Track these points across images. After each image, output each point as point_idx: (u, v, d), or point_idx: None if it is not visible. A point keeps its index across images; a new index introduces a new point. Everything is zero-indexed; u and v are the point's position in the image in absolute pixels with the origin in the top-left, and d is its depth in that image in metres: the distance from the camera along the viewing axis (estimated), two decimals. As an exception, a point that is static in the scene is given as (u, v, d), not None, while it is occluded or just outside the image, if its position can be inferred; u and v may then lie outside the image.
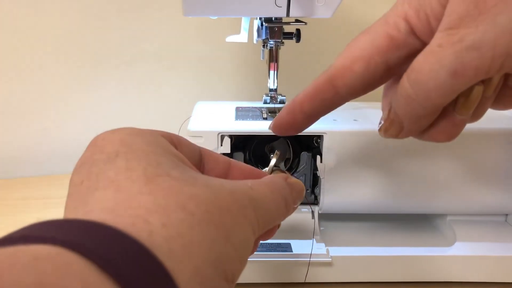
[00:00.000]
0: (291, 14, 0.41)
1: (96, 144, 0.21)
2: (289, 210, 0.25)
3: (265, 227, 0.21)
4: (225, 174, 0.27)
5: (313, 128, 0.42)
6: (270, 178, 0.25)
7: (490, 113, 0.49)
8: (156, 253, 0.15)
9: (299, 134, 0.42)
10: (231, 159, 0.28)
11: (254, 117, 0.44)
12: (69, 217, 0.18)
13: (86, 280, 0.13)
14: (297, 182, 0.26)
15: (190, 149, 0.25)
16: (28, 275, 0.12)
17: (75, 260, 0.14)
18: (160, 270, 0.15)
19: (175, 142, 0.23)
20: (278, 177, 0.25)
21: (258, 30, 0.46)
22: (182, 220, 0.17)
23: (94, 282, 0.13)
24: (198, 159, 0.26)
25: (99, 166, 0.19)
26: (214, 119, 0.44)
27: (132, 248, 0.15)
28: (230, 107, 0.48)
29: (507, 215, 0.46)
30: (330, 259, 0.40)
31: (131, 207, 0.17)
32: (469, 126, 0.42)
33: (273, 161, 0.32)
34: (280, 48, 0.45)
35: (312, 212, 0.45)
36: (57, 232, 0.14)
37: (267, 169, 0.32)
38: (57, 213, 0.53)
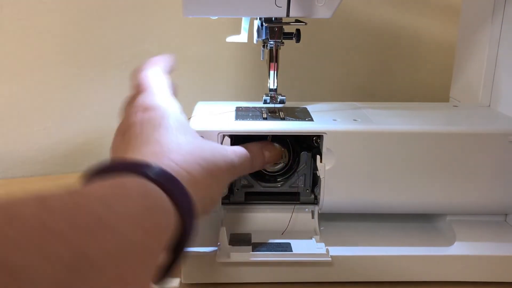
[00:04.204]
0: (291, 14, 0.41)
1: (144, 115, 0.34)
2: (255, 165, 0.40)
3: (237, 176, 0.41)
4: None
5: (313, 128, 0.42)
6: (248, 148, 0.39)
7: (490, 113, 0.50)
8: (183, 184, 0.28)
9: (299, 134, 0.43)
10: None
11: (254, 117, 0.44)
12: (130, 152, 0.31)
13: (154, 191, 0.26)
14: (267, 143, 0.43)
15: None
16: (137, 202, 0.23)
17: (147, 184, 0.26)
18: (183, 189, 0.28)
19: None
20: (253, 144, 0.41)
21: (258, 30, 0.46)
22: (195, 169, 0.31)
23: (157, 193, 0.26)
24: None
25: (149, 131, 0.32)
26: (214, 119, 0.44)
27: (170, 178, 0.27)
28: (230, 107, 0.48)
29: (506, 215, 0.46)
30: (330, 259, 0.40)
31: (169, 158, 0.30)
32: (469, 126, 0.43)
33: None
34: (280, 48, 0.45)
35: (312, 212, 0.45)
36: (137, 168, 0.26)
37: None
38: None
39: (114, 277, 0.20)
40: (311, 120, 0.44)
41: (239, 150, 0.38)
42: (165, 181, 0.26)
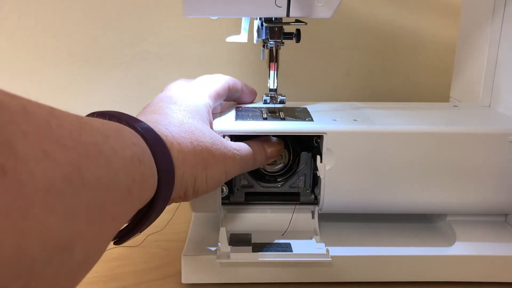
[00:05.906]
0: (291, 14, 0.41)
1: (167, 93, 0.39)
2: (258, 160, 0.40)
3: (239, 172, 0.39)
4: None
5: (313, 128, 0.42)
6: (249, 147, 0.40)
7: (490, 113, 0.50)
8: (170, 151, 0.30)
9: (299, 134, 0.43)
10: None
11: (254, 117, 0.44)
12: (139, 117, 0.33)
13: (141, 145, 0.27)
14: (267, 140, 0.43)
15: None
16: (128, 148, 0.25)
17: (140, 139, 0.27)
18: (168, 152, 0.30)
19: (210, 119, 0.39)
20: (253, 143, 0.41)
21: (258, 30, 0.46)
22: (187, 147, 0.32)
23: (143, 148, 0.27)
24: None
25: (162, 104, 0.36)
26: (214, 119, 0.44)
27: (158, 140, 0.29)
28: (230, 107, 0.48)
29: (506, 215, 0.46)
30: (330, 259, 0.40)
31: (167, 129, 0.32)
32: (469, 126, 0.43)
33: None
34: (280, 48, 0.45)
35: (312, 212, 0.45)
36: (130, 122, 0.29)
37: None
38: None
39: (99, 203, 0.21)
40: (311, 120, 0.44)
41: (242, 145, 0.39)
42: (153, 142, 0.28)
